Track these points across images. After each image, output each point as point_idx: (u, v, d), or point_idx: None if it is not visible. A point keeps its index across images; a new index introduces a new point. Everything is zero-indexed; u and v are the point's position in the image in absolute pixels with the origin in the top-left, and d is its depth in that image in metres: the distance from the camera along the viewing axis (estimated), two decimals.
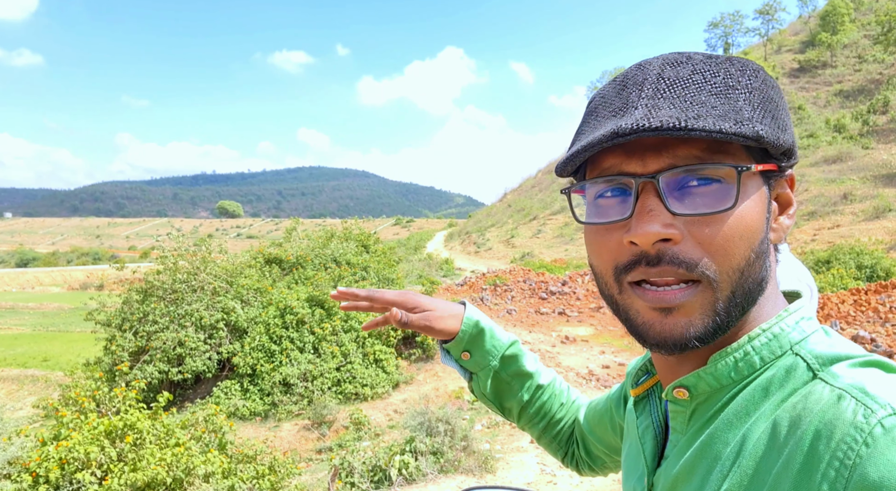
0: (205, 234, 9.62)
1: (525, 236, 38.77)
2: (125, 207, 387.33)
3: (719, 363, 0.58)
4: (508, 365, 1.06)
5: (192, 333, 8.54)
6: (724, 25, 56.69)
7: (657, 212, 0.55)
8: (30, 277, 42.24)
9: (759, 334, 0.58)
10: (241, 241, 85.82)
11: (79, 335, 16.74)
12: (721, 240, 0.55)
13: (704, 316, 0.56)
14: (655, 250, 0.56)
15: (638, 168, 0.57)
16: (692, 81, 0.57)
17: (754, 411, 0.55)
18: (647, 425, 0.70)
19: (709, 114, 0.54)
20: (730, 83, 0.57)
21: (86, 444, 3.82)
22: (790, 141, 0.58)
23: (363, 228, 13.48)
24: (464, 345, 1.04)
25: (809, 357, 0.55)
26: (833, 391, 0.50)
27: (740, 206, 0.55)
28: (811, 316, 0.60)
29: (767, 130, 0.55)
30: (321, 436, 7.21)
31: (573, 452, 1.07)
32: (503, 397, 1.08)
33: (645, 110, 0.56)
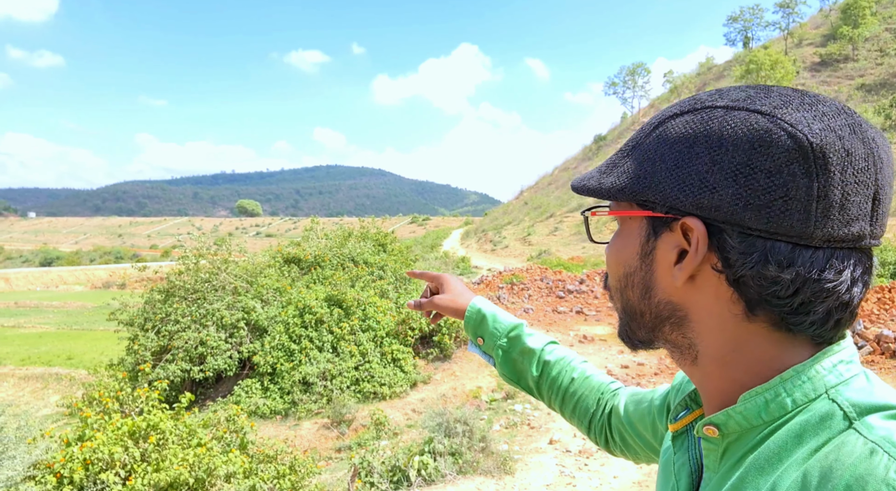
0: (225, 233, 9.76)
1: (542, 234, 38.61)
2: (146, 207, 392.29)
3: (749, 402, 0.58)
4: (515, 344, 1.16)
5: (213, 333, 8.64)
6: (744, 19, 55.85)
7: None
8: (54, 276, 42.97)
9: (791, 376, 0.57)
10: (260, 240, 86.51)
11: (102, 333, 17.00)
12: (608, 261, 0.70)
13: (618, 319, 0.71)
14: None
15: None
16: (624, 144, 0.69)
17: (787, 458, 0.54)
18: (684, 462, 0.70)
19: (593, 176, 0.69)
20: (631, 141, 0.67)
21: (110, 444, 3.88)
22: (638, 189, 0.63)
23: (380, 227, 13.52)
24: (473, 329, 1.19)
25: (846, 405, 0.54)
26: (866, 444, 0.49)
27: (612, 241, 0.69)
28: (852, 359, 0.58)
29: (602, 181, 0.67)
30: (340, 435, 7.26)
31: (603, 433, 1.08)
32: (520, 376, 1.17)
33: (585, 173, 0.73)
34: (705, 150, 0.56)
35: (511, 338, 1.16)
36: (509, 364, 1.17)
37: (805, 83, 37.88)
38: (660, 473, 0.78)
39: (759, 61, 34.70)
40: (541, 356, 1.14)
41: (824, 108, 0.55)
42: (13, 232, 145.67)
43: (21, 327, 20.27)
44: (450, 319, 9.08)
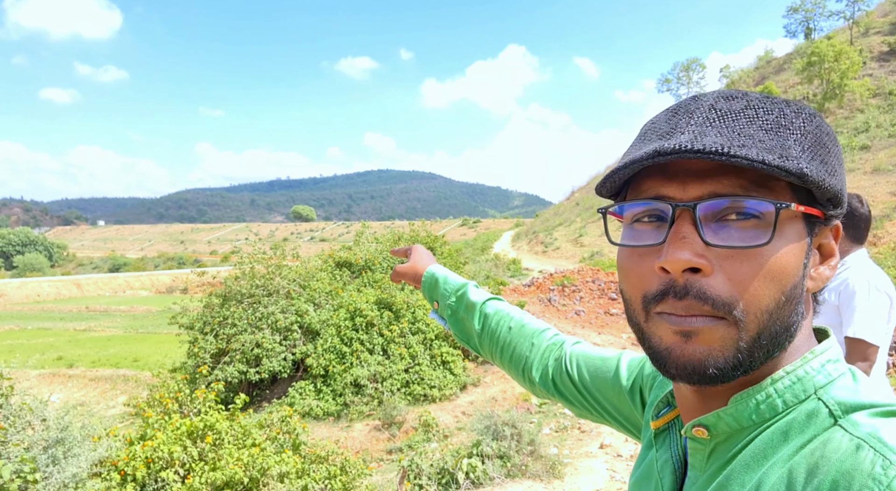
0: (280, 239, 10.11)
1: (594, 235, 38.04)
2: (206, 214, 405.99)
3: (740, 405, 0.58)
4: (461, 302, 1.19)
5: (268, 335, 8.89)
6: (805, 10, 53.62)
7: (690, 240, 0.54)
8: (121, 282, 45.01)
9: (782, 377, 0.57)
10: (314, 245, 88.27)
11: (165, 337, 17.69)
12: (752, 278, 0.54)
13: (725, 349, 0.55)
14: (684, 280, 0.55)
15: (677, 193, 0.57)
16: (744, 115, 0.56)
17: (772, 455, 0.55)
18: (667, 459, 0.69)
19: (755, 145, 0.53)
20: (782, 122, 0.56)
21: (169, 443, 4.05)
22: (837, 187, 0.57)
23: (430, 231, 13.62)
24: (429, 293, 1.25)
25: (832, 403, 0.54)
26: (852, 440, 0.49)
27: (775, 246, 0.54)
28: (838, 358, 0.59)
29: (813, 170, 0.54)
30: (391, 436, 7.34)
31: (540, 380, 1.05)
32: (466, 333, 1.19)
33: (691, 135, 0.55)
34: (839, 153, 0.60)
35: (458, 296, 1.20)
36: (458, 323, 1.20)
37: (873, 74, 36.09)
38: (638, 468, 0.77)
39: (822, 53, 33.27)
40: (482, 310, 1.16)
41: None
42: (84, 240, 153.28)
43: (91, 331, 21.32)
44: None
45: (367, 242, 12.84)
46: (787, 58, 49.32)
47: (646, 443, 0.78)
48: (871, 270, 2.45)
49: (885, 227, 18.94)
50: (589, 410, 0.98)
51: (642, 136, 0.62)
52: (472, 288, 1.21)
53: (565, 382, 1.00)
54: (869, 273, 2.43)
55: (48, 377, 13.90)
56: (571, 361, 1.01)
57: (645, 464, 0.75)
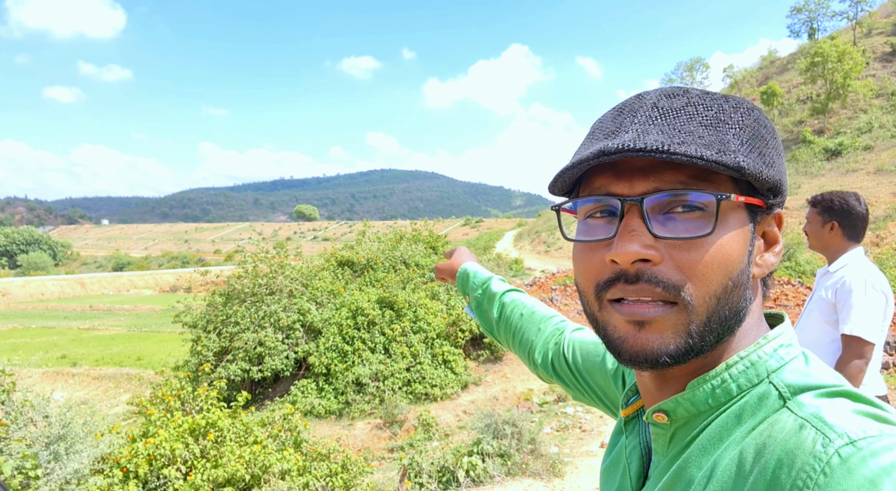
0: (283, 238, 10.13)
1: None
2: (210, 213, 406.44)
3: (697, 390, 0.60)
4: (485, 293, 1.27)
5: (270, 334, 8.93)
6: (809, 10, 53.49)
7: (639, 232, 0.57)
8: (125, 281, 45.14)
9: (736, 362, 0.60)
10: (317, 244, 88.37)
11: (169, 335, 17.74)
12: (699, 265, 0.57)
13: (677, 335, 0.57)
14: (635, 269, 0.58)
15: (625, 190, 0.59)
16: (684, 112, 0.59)
17: (727, 438, 0.57)
18: (635, 446, 0.72)
19: (694, 142, 0.56)
20: (721, 118, 0.59)
21: (171, 441, 4.09)
22: (776, 178, 0.60)
23: (432, 230, 13.64)
24: (462, 287, 1.32)
25: (781, 385, 0.57)
26: (796, 420, 0.52)
27: (719, 235, 0.57)
28: (791, 342, 0.61)
29: (750, 163, 0.56)
30: (393, 435, 7.37)
31: (543, 364, 1.10)
32: (489, 323, 1.27)
33: (634, 134, 0.58)
34: (778, 144, 0.63)
35: (484, 289, 1.27)
36: (482, 314, 1.28)
37: (876, 74, 35.98)
38: (609, 455, 0.79)
39: (825, 53, 33.19)
40: (501, 299, 1.23)
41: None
42: (88, 239, 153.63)
43: (95, 329, 21.39)
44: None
45: (370, 242, 12.86)
46: (791, 58, 49.20)
47: (616, 429, 0.80)
48: (867, 269, 2.47)
49: (887, 227, 18.88)
50: (582, 393, 1.02)
51: (591, 135, 0.65)
52: (496, 280, 1.28)
53: (562, 365, 1.05)
54: (865, 271, 2.45)
55: (51, 375, 13.96)
56: (569, 345, 1.05)
57: (615, 451, 0.78)
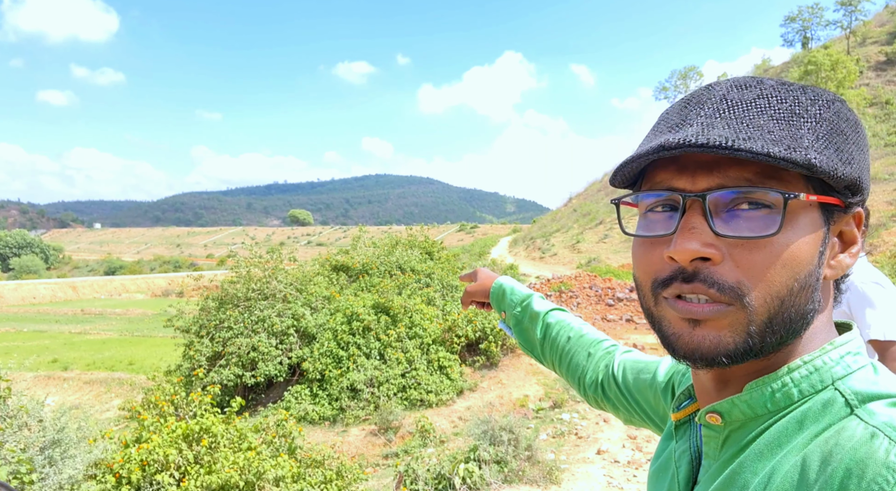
0: (277, 243, 10.03)
1: (591, 241, 38.08)
2: (203, 217, 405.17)
3: (755, 392, 0.58)
4: (525, 311, 1.22)
5: (264, 339, 8.86)
6: (803, 19, 53.97)
7: (700, 230, 0.55)
8: (117, 285, 44.90)
9: (799, 366, 0.57)
10: (311, 249, 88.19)
11: (161, 340, 17.63)
12: (761, 265, 0.54)
13: (735, 334, 0.55)
14: (693, 268, 0.55)
15: (687, 185, 0.57)
16: (755, 105, 0.56)
17: (786, 443, 0.55)
18: (685, 450, 0.69)
19: (761, 137, 0.53)
20: (796, 111, 0.56)
21: (165, 446, 4.03)
22: (853, 176, 0.56)
23: (428, 235, 13.62)
24: (497, 303, 1.27)
25: (848, 392, 0.54)
26: (867, 429, 0.49)
27: (786, 235, 0.54)
28: (859, 351, 0.58)
29: (823, 160, 0.53)
30: (388, 441, 7.31)
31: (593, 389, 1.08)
32: (530, 342, 1.22)
33: (699, 127, 0.55)
34: (865, 142, 0.60)
35: (523, 307, 1.22)
36: (523, 332, 1.23)
37: (870, 83, 36.30)
38: (657, 460, 0.77)
39: (819, 62, 33.46)
40: (545, 319, 1.19)
41: None
42: (80, 242, 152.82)
43: (87, 334, 21.24)
44: (496, 325, 9.06)
45: (365, 247, 12.83)
46: (784, 66, 49.60)
47: (666, 434, 0.78)
48: (873, 272, 2.45)
49: (881, 236, 19.00)
50: (632, 414, 1.01)
51: (656, 127, 0.63)
52: (537, 298, 1.24)
53: (611, 387, 1.04)
54: (873, 275, 2.43)
55: (43, 380, 13.84)
56: (619, 366, 1.04)
57: (664, 455, 0.76)
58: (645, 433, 6.25)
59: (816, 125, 0.55)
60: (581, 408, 7.34)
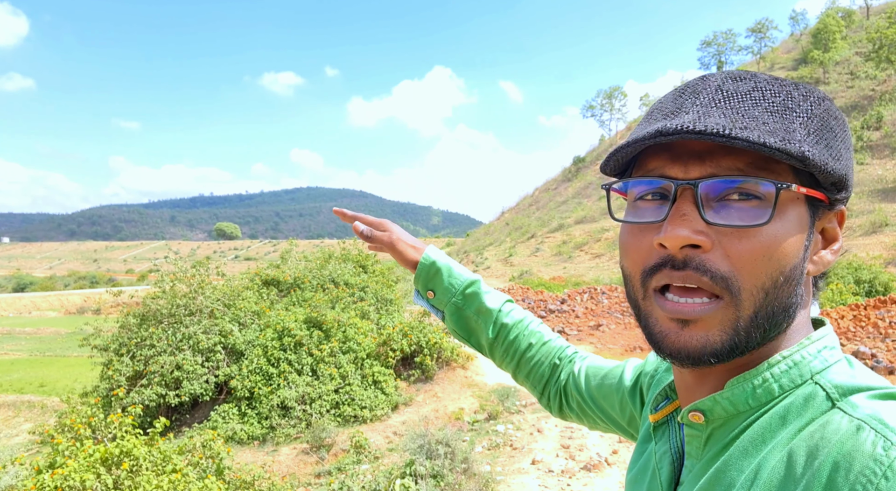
0: (203, 257, 9.66)
1: (523, 255, 38.77)
2: (123, 231, 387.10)
3: (736, 388, 0.58)
4: (470, 301, 1.11)
5: (189, 357, 8.48)
6: (717, 44, 57.37)
7: (690, 217, 0.55)
8: (27, 302, 42.07)
9: (779, 361, 0.57)
10: (238, 263, 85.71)
11: (75, 360, 16.62)
12: (750, 256, 0.54)
13: (723, 333, 0.55)
14: (683, 255, 0.56)
15: (679, 173, 0.57)
16: (750, 96, 0.57)
17: (770, 439, 0.55)
18: (665, 451, 0.69)
19: (757, 127, 0.53)
20: (789, 105, 0.57)
21: (81, 471, 3.76)
22: (841, 172, 0.57)
23: (361, 249, 13.47)
24: (424, 282, 1.12)
25: (829, 386, 0.55)
26: (852, 422, 0.50)
27: (775, 226, 0.55)
28: (834, 345, 0.60)
29: (816, 153, 0.54)
30: (320, 459, 7.12)
31: (558, 399, 1.07)
32: (472, 333, 1.13)
33: (695, 115, 0.56)
34: (850, 141, 0.61)
35: (467, 295, 1.11)
36: (461, 321, 1.13)
37: None
38: (636, 464, 0.77)
39: None
40: (498, 318, 1.11)
41: None
42: None
43: None
44: (431, 339, 9.03)
45: (296, 260, 12.54)
46: None
47: (643, 436, 0.78)
48: None
49: None
50: (596, 421, 1.00)
51: (649, 116, 0.63)
52: (484, 288, 1.13)
53: (574, 396, 1.03)
54: None
55: None
56: (581, 373, 1.03)
57: (643, 458, 0.75)
58: (578, 442, 6.35)
59: (808, 120, 0.56)
60: (515, 419, 7.40)
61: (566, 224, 41.33)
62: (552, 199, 54.69)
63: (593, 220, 39.89)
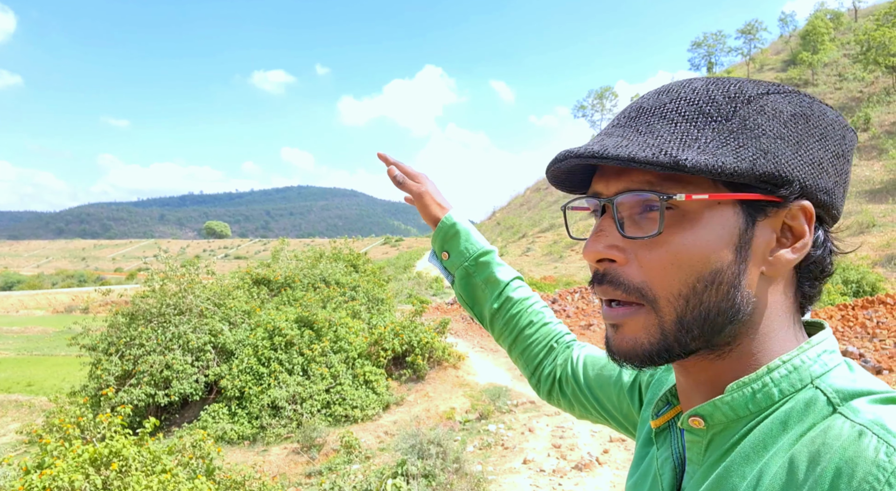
0: (192, 256, 9.56)
1: (514, 254, 38.81)
2: (111, 229, 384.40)
3: (736, 393, 0.58)
4: (482, 269, 1.12)
5: (179, 356, 8.43)
6: (708, 45, 57.73)
7: (607, 232, 0.59)
8: (14, 301, 41.67)
9: (778, 366, 0.57)
10: (228, 262, 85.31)
11: (63, 359, 16.48)
12: (658, 264, 0.56)
13: (649, 335, 0.58)
14: (603, 269, 0.59)
15: (603, 189, 0.61)
16: (662, 109, 0.58)
17: (772, 445, 0.54)
18: (667, 457, 0.69)
19: (639, 143, 0.55)
20: (704, 109, 0.56)
21: (70, 472, 3.73)
22: (765, 170, 0.54)
23: (352, 248, 13.44)
24: (441, 241, 1.14)
25: (830, 391, 0.54)
26: (854, 427, 0.49)
27: (678, 235, 0.56)
28: (834, 349, 0.59)
29: (700, 159, 0.53)
30: (311, 459, 7.10)
31: (549, 381, 1.07)
32: (476, 302, 1.14)
33: (599, 137, 0.60)
34: (817, 133, 0.58)
35: (480, 262, 1.12)
36: (469, 288, 1.14)
37: None
38: (637, 468, 0.76)
39: None
40: (504, 290, 1.12)
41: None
42: None
43: None
44: (423, 338, 9.02)
45: (287, 260, 12.50)
46: None
47: (644, 441, 0.78)
48: None
49: None
50: (589, 411, 1.00)
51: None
52: (497, 260, 1.14)
53: (569, 383, 1.03)
54: None
55: None
56: (579, 361, 1.03)
57: (644, 463, 0.75)
58: (569, 442, 6.37)
59: (724, 122, 0.55)
60: (507, 419, 7.41)
61: (557, 224, 41.43)
62: (543, 198, 54.81)
63: (585, 219, 40.09)
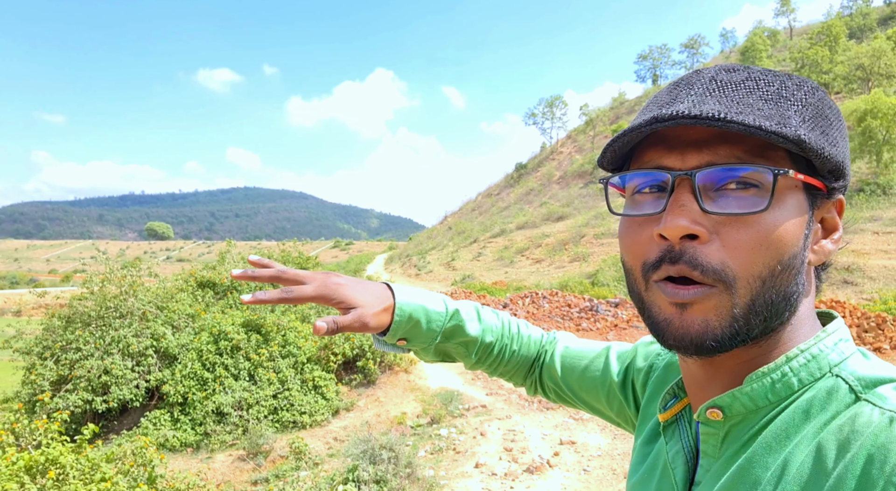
0: (133, 257, 9.27)
1: (465, 259, 38.98)
2: (46, 229, 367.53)
3: (755, 383, 0.57)
4: (451, 336, 0.97)
5: (118, 361, 8.10)
6: (653, 58, 59.63)
7: (689, 208, 0.55)
8: None
9: (797, 355, 0.57)
10: (171, 265, 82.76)
11: None
12: (747, 244, 0.54)
13: (721, 318, 0.55)
14: (680, 246, 0.55)
15: (676, 163, 0.57)
16: (744, 86, 0.57)
17: (795, 434, 0.54)
18: (678, 450, 0.68)
19: (752, 112, 0.53)
20: (783, 94, 0.57)
21: (4, 481, 3.53)
22: (838, 158, 0.57)
23: (301, 251, 13.24)
24: (399, 335, 0.92)
25: (851, 379, 0.55)
26: (884, 414, 0.49)
27: (773, 214, 0.54)
28: (848, 338, 0.60)
29: (812, 139, 0.54)
30: (257, 466, 6.94)
31: (532, 385, 1.07)
32: (450, 358, 1.03)
33: (690, 103, 0.55)
34: (846, 132, 0.61)
35: (447, 332, 0.97)
36: (440, 354, 1.01)
37: None
38: (640, 465, 0.75)
39: None
40: (481, 341, 1.01)
41: None
42: None
43: None
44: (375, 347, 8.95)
45: (233, 262, 12.21)
46: (638, 100, 54.19)
47: (647, 437, 0.77)
48: None
49: None
50: (575, 406, 1.00)
51: (644, 109, 0.63)
52: (462, 316, 0.99)
53: (548, 385, 1.03)
54: None
55: None
56: (554, 362, 1.02)
57: (650, 459, 0.74)
58: (521, 445, 6.42)
59: (802, 108, 0.56)
60: (458, 423, 7.41)
61: (508, 229, 41.83)
62: (494, 204, 55.32)
63: (535, 225, 40.54)
